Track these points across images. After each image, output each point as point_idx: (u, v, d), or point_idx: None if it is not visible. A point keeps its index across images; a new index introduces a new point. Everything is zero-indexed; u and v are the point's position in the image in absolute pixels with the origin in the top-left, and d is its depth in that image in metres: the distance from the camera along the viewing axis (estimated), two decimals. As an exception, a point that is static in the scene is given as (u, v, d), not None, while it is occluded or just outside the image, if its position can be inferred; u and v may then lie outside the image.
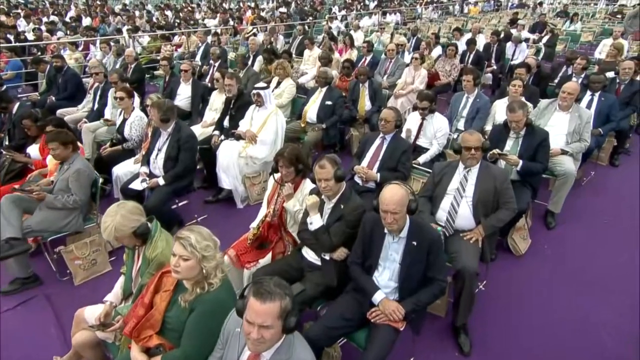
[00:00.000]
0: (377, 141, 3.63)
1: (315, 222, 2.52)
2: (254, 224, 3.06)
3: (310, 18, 14.26)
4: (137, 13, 15.22)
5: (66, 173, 3.23)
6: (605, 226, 4.01)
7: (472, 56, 7.39)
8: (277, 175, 2.98)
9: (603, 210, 4.27)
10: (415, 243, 2.24)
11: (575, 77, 5.63)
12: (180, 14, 15.89)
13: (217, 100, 5.30)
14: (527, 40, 9.46)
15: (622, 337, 2.81)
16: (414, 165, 3.58)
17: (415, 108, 4.13)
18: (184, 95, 5.74)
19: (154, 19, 14.68)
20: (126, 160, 4.26)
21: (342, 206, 2.56)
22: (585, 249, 3.70)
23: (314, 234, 2.53)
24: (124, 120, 4.49)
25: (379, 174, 3.48)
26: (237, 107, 4.77)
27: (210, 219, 4.32)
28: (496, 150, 3.42)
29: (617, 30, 8.17)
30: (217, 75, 5.32)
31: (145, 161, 3.93)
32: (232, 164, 4.33)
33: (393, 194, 2.11)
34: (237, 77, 4.74)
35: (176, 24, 13.96)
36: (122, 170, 4.13)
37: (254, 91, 4.42)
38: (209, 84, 6.33)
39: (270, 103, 4.50)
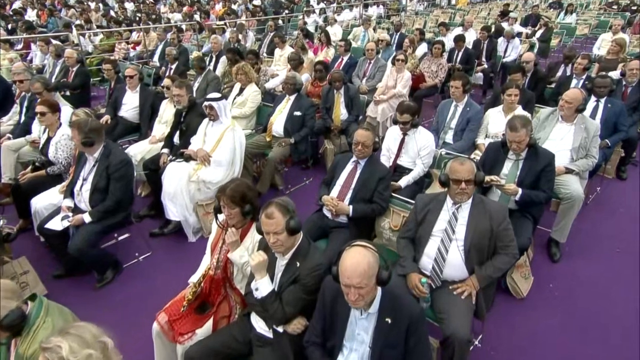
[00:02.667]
0: (350, 166, 3.17)
1: (263, 287, 2.05)
2: (194, 278, 2.58)
3: (286, 11, 13.75)
4: (92, 5, 14.43)
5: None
6: (619, 256, 3.64)
7: (460, 54, 7.01)
8: (221, 217, 2.51)
9: (614, 235, 3.91)
10: (389, 320, 1.79)
11: (576, 79, 5.29)
12: (142, 7, 15.17)
13: (167, 112, 4.79)
14: (519, 34, 9.17)
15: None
16: (394, 194, 3.13)
17: (395, 122, 3.69)
18: (130, 105, 5.22)
19: (112, 13, 13.95)
20: (49, 190, 3.70)
21: (297, 263, 2.10)
22: (598, 287, 3.31)
23: (261, 302, 2.06)
24: (49, 138, 3.94)
25: (351, 207, 3.03)
26: (188, 120, 4.27)
27: (155, 256, 3.83)
28: (494, 178, 3.01)
29: (616, 24, 7.88)
30: (166, 82, 4.81)
31: (69, 192, 3.40)
32: (180, 190, 3.83)
33: (356, 264, 1.65)
34: (187, 86, 4.23)
35: (137, 19, 13.30)
36: (42, 202, 3.57)
37: (206, 103, 3.93)
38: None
39: (225, 117, 4.02)
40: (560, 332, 2.93)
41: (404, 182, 3.61)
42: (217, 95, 4.02)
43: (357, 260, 1.66)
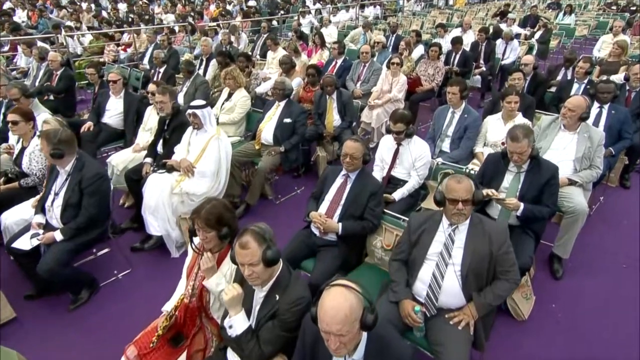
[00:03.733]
0: (339, 180, 2.96)
1: (237, 324, 1.84)
2: (169, 306, 2.37)
3: (282, 12, 13.52)
4: (84, 6, 14.16)
5: None
6: (625, 273, 3.44)
7: (458, 57, 6.81)
8: (197, 241, 2.30)
9: (619, 249, 3.71)
10: (377, 367, 1.58)
11: (577, 83, 5.10)
12: (135, 8, 14.90)
13: (152, 118, 4.56)
14: (518, 36, 8.98)
15: None
16: (386, 211, 2.92)
17: (389, 131, 3.48)
18: (114, 111, 4.99)
19: (105, 14, 13.69)
20: (22, 203, 3.48)
21: (277, 296, 1.89)
22: (604, 307, 3.10)
23: (236, 340, 1.85)
24: (23, 149, 3.71)
25: (340, 224, 2.81)
26: (172, 128, 4.06)
27: (135, 273, 3.61)
28: (492, 191, 2.81)
29: (617, 25, 7.69)
30: (151, 87, 4.58)
31: (40, 208, 3.19)
32: (162, 203, 3.61)
33: (337, 309, 1.44)
34: (170, 92, 4.01)
35: (129, 19, 13.07)
36: (13, 217, 3.34)
37: (189, 111, 3.72)
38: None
39: (210, 125, 3.81)
40: (565, 357, 2.73)
41: (398, 194, 3.41)
42: (201, 102, 3.81)
43: (338, 304, 1.44)
